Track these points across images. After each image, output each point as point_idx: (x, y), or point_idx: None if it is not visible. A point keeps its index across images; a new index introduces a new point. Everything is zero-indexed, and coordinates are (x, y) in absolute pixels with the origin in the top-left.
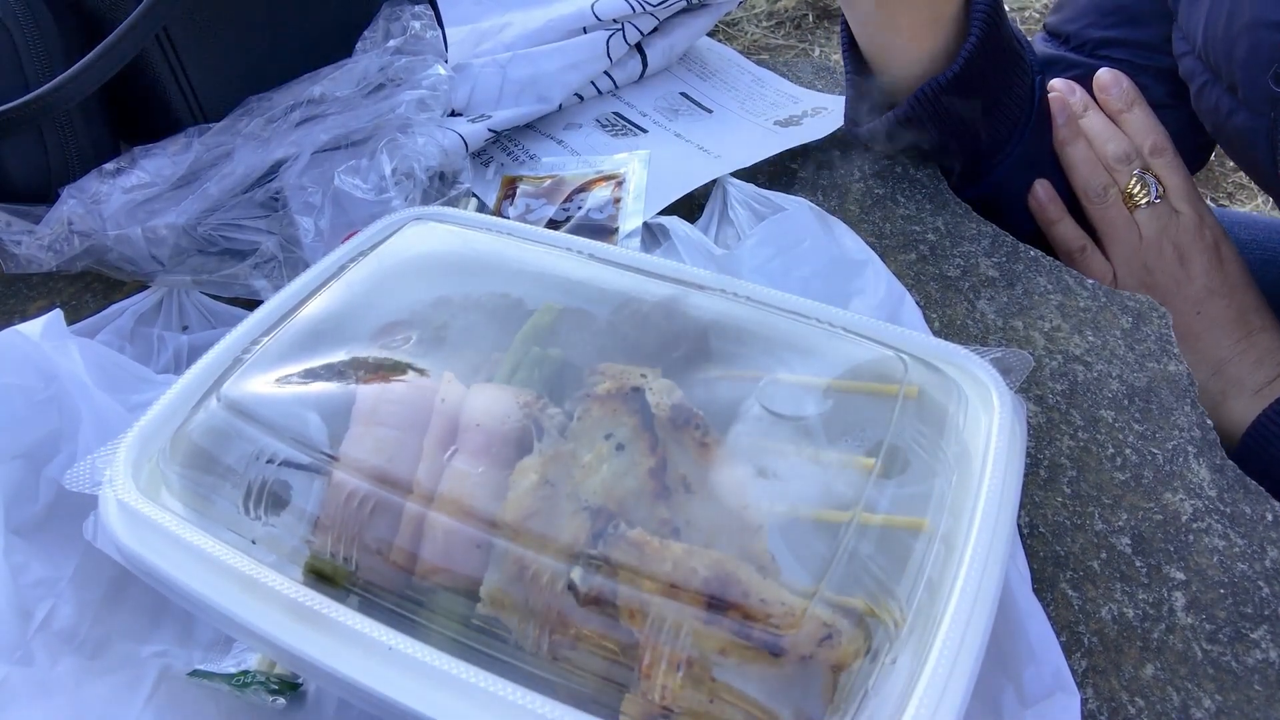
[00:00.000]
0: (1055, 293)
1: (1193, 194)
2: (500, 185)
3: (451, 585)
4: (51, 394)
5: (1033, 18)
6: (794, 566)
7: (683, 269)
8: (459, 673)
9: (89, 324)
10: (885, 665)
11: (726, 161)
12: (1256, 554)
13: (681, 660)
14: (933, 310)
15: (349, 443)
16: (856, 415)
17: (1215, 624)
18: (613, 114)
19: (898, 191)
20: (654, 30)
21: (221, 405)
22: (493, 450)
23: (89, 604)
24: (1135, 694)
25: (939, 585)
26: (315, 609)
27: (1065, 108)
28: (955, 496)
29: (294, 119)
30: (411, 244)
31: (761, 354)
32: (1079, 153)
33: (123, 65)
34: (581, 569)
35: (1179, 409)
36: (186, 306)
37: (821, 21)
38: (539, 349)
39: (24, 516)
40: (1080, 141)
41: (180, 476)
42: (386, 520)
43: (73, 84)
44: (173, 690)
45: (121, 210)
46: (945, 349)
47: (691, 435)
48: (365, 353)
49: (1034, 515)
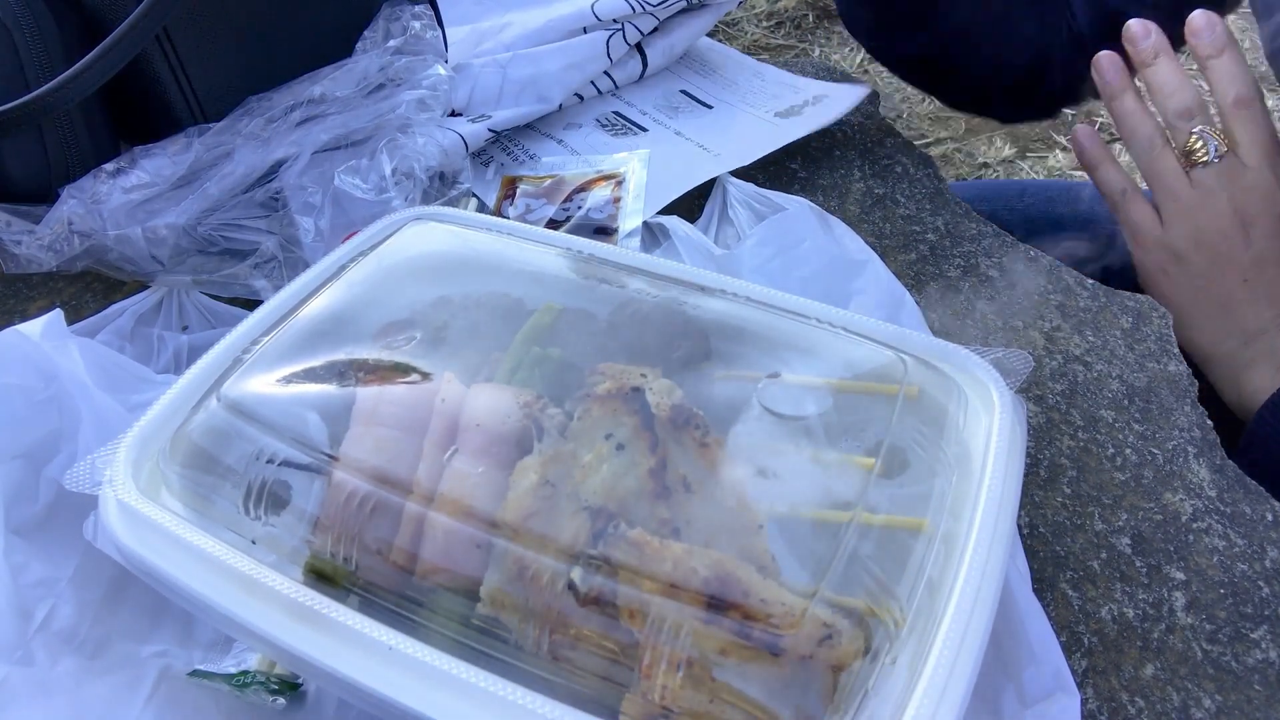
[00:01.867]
0: (1055, 293)
1: (1271, 153)
2: (500, 185)
3: (451, 585)
4: (51, 394)
5: None
6: (794, 566)
7: (683, 269)
8: (459, 673)
9: (89, 324)
10: (885, 665)
11: (726, 159)
12: (1256, 554)
13: (681, 660)
14: (933, 310)
15: (349, 443)
16: (856, 415)
17: (1215, 624)
18: (613, 114)
19: (898, 191)
20: (654, 30)
21: (221, 405)
22: (493, 450)
23: (89, 604)
24: (1135, 694)
25: (939, 585)
26: (315, 609)
27: (1114, 62)
28: (955, 496)
29: (294, 119)
30: (411, 244)
31: (762, 354)
32: (1124, 106)
33: (123, 65)
34: (581, 569)
35: (1179, 409)
36: (186, 306)
37: (821, 21)
38: (539, 349)
39: (24, 516)
40: (1128, 95)
41: (180, 476)
42: (386, 520)
43: (73, 84)
44: (173, 690)
45: (121, 210)
46: (945, 349)
47: (691, 435)
48: (365, 353)
49: (1034, 515)
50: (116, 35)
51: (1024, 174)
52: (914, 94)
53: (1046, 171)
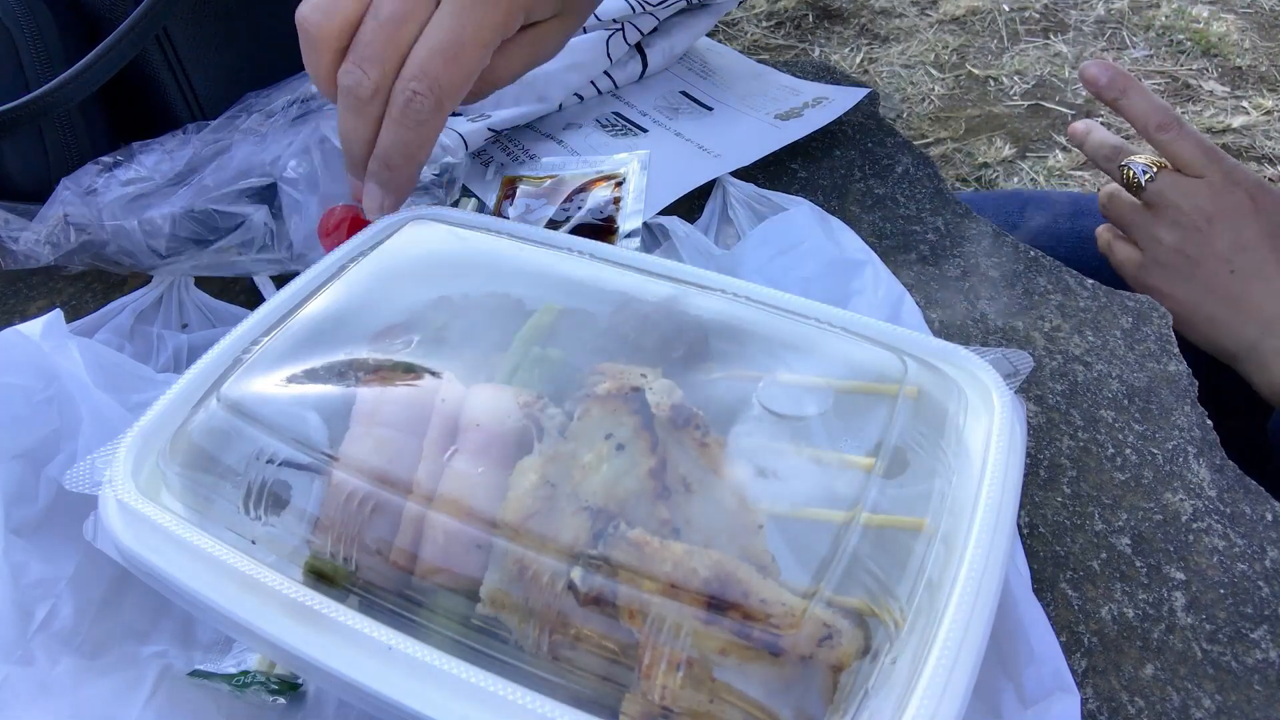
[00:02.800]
0: (1055, 293)
1: (1209, 156)
2: (500, 185)
3: (451, 585)
4: (51, 394)
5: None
6: (794, 566)
7: (683, 269)
8: (459, 673)
9: (88, 321)
10: (885, 665)
11: (726, 160)
12: (1256, 554)
13: (681, 660)
14: (933, 310)
15: (349, 443)
16: (856, 415)
17: (1215, 624)
18: (613, 114)
19: (898, 191)
20: (654, 30)
21: (221, 405)
22: (493, 450)
23: (89, 604)
24: (1135, 694)
25: (939, 585)
26: (315, 609)
27: (1074, 135)
28: (955, 496)
29: (292, 114)
30: (411, 244)
31: (761, 354)
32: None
33: (122, 65)
34: (581, 569)
35: (1179, 409)
36: (186, 304)
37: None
38: (539, 349)
39: (24, 516)
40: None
41: (180, 476)
42: (386, 520)
43: (73, 84)
44: (173, 690)
45: (117, 203)
46: (945, 349)
47: (692, 435)
48: (365, 353)
49: (1034, 515)
50: (116, 35)
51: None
52: (914, 94)
53: (1047, 171)
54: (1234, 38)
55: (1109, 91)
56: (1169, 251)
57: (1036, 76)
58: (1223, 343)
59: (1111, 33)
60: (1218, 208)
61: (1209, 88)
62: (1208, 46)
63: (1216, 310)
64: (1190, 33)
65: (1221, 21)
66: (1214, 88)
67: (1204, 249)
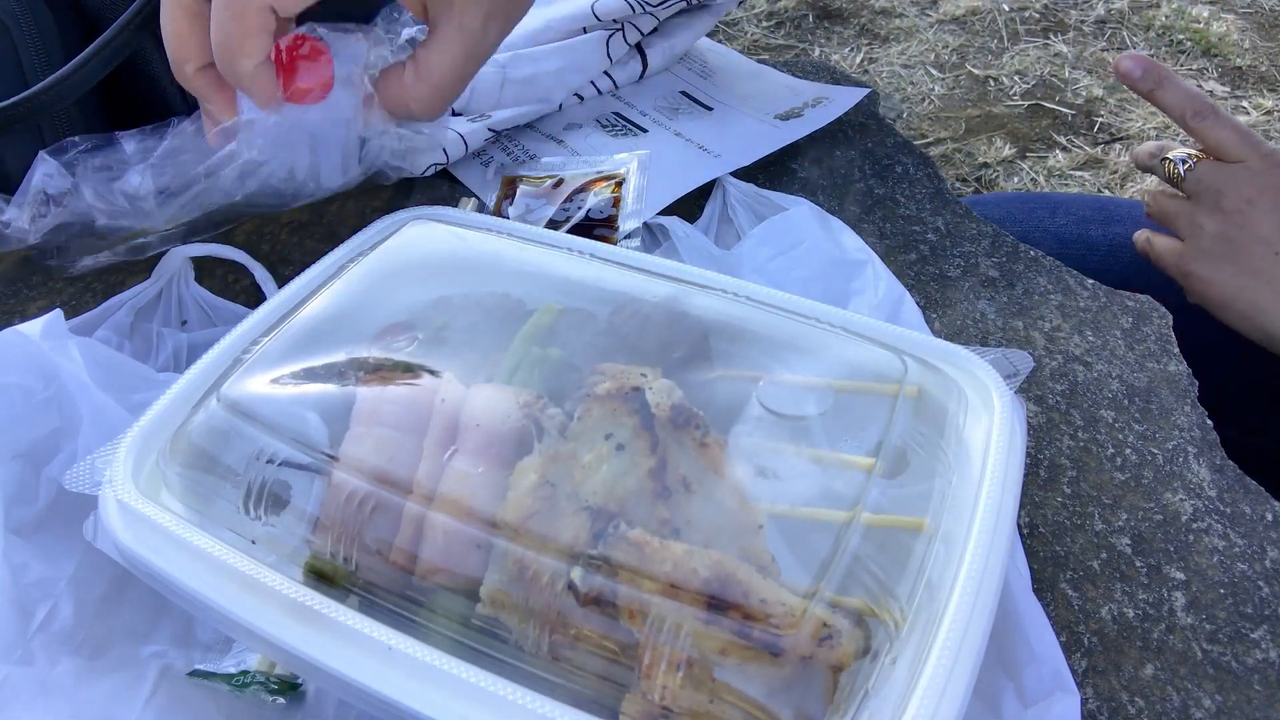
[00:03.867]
0: (1055, 293)
1: (1247, 140)
2: (500, 185)
3: (451, 585)
4: (51, 394)
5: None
6: (794, 566)
7: (683, 269)
8: (459, 673)
9: (87, 319)
10: (885, 665)
11: (726, 160)
12: (1256, 554)
13: (681, 660)
14: (933, 310)
15: (349, 443)
16: (856, 415)
17: (1215, 624)
18: (613, 114)
19: (898, 191)
20: (654, 30)
21: (221, 405)
22: (493, 450)
23: (89, 604)
24: (1135, 694)
25: (939, 585)
26: (315, 609)
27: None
28: (955, 496)
29: None
30: (411, 244)
31: (761, 354)
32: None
33: (118, 62)
34: (581, 569)
35: (1179, 409)
36: (186, 300)
37: (821, 22)
38: (539, 349)
39: (24, 516)
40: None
41: (180, 476)
42: (386, 520)
43: (69, 81)
44: (173, 690)
45: (96, 174)
46: (945, 349)
47: (692, 435)
48: (365, 353)
49: (1034, 515)
50: (112, 32)
51: (1024, 174)
52: (914, 94)
53: (1047, 171)
54: (1234, 38)
55: (1144, 83)
56: (1211, 238)
57: (1036, 76)
58: (1266, 326)
59: (1111, 33)
60: (1258, 190)
61: (1209, 88)
62: (1208, 46)
63: (1260, 293)
64: (1190, 33)
65: (1221, 21)
66: (1214, 88)
67: (1246, 232)
